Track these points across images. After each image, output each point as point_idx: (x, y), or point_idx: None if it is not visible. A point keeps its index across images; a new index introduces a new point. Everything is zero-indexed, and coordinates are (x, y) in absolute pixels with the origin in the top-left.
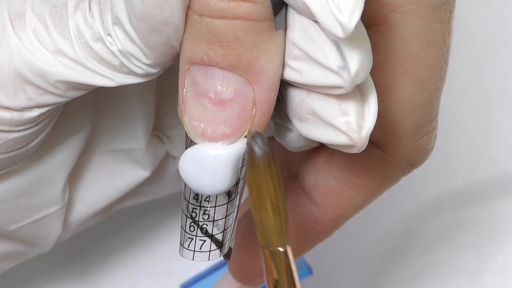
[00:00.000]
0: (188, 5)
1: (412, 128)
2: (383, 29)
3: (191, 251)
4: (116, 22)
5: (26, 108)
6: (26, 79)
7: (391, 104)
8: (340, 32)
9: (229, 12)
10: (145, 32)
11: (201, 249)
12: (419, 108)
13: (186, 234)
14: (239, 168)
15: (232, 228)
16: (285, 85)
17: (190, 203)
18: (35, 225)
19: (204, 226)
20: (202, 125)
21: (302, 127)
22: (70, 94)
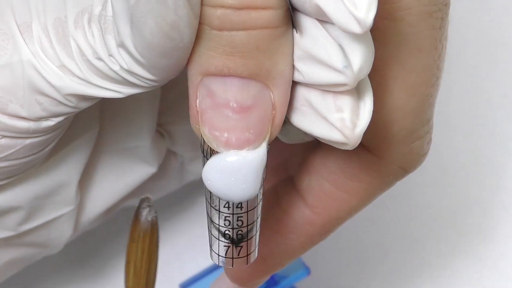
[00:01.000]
0: (201, 21)
1: (403, 133)
2: (373, 35)
3: (230, 259)
4: (122, 46)
5: (43, 118)
6: (39, 91)
7: (382, 109)
8: (357, 28)
9: (251, 23)
10: (154, 58)
11: (239, 255)
12: (410, 114)
13: (221, 243)
14: (264, 171)
15: (258, 231)
16: None
17: (222, 212)
18: (48, 226)
19: (240, 233)
20: (226, 135)
21: (296, 118)
22: (83, 105)
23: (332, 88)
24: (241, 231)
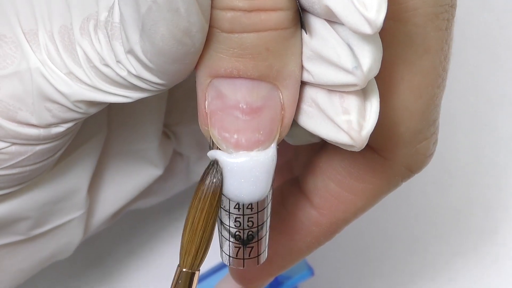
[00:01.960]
0: (211, 24)
1: (409, 134)
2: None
3: (241, 259)
4: (130, 52)
5: (52, 125)
6: (48, 98)
7: (388, 110)
8: (368, 29)
9: (261, 25)
10: (164, 63)
11: (250, 256)
12: (416, 114)
13: (232, 244)
14: (274, 171)
15: (267, 231)
16: None
17: (232, 213)
18: (59, 231)
19: (250, 233)
20: (235, 136)
21: (303, 119)
22: (92, 110)
23: (342, 89)
24: (252, 232)
